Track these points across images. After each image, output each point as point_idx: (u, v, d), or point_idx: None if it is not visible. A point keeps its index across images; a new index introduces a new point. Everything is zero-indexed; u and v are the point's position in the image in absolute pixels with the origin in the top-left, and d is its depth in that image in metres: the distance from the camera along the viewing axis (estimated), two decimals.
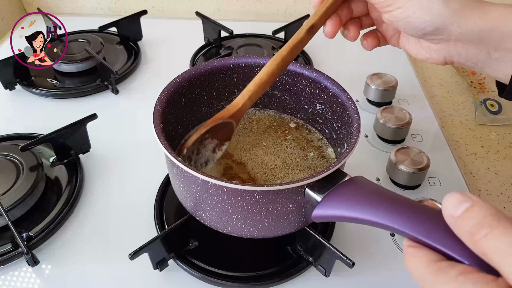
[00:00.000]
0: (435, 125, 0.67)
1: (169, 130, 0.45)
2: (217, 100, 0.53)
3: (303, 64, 0.51)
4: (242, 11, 0.97)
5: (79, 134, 0.58)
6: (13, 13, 0.96)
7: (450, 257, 0.25)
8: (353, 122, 0.43)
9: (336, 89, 0.47)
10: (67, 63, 0.74)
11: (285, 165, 0.49)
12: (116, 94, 0.72)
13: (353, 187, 0.37)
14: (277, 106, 0.55)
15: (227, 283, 0.45)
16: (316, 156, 0.50)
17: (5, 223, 0.48)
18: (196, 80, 0.49)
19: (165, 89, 0.46)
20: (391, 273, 0.47)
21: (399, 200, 0.32)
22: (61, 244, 0.50)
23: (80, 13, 0.99)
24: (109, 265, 0.48)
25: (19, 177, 0.52)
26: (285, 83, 0.52)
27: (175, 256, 0.47)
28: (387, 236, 0.51)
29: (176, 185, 0.45)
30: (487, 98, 0.72)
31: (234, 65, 0.51)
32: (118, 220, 0.52)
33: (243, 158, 0.50)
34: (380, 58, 0.84)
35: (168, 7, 0.97)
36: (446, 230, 0.25)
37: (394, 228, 0.30)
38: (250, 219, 0.41)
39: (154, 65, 0.80)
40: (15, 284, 0.46)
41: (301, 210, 0.41)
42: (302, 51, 0.83)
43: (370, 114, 0.69)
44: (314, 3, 0.44)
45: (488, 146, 0.66)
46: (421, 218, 0.29)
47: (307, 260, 0.47)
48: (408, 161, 0.54)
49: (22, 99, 0.72)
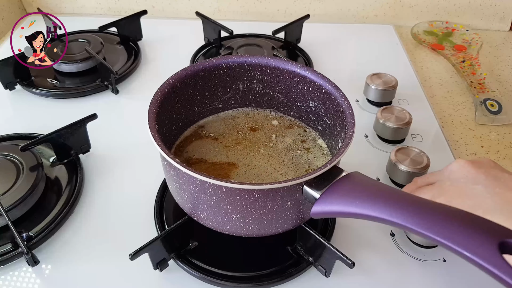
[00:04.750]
0: (435, 125, 0.67)
1: (163, 131, 0.45)
2: (210, 100, 0.54)
3: (295, 62, 0.51)
4: (242, 11, 0.97)
5: (79, 134, 0.58)
6: (13, 13, 0.96)
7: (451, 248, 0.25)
8: (347, 118, 0.44)
9: (329, 87, 0.48)
10: (67, 63, 0.74)
11: (281, 164, 0.49)
12: (116, 94, 0.72)
13: (351, 182, 0.37)
14: (270, 104, 0.56)
15: (227, 283, 0.45)
16: (312, 153, 0.50)
17: (5, 223, 0.48)
18: (189, 80, 0.50)
19: (158, 90, 0.46)
20: (391, 273, 0.47)
21: (397, 194, 0.32)
22: (61, 244, 0.50)
23: (80, 13, 0.99)
24: (109, 265, 0.48)
25: (19, 177, 0.52)
26: (277, 81, 0.53)
27: (175, 256, 0.47)
28: (387, 236, 0.51)
29: (173, 187, 0.45)
30: (487, 98, 0.72)
31: (226, 64, 0.51)
32: (118, 220, 0.52)
33: (237, 158, 0.50)
34: (380, 58, 0.84)
35: (168, 7, 0.97)
36: (446, 222, 0.25)
37: (393, 221, 0.30)
38: (248, 218, 0.41)
39: (154, 65, 0.80)
40: (15, 284, 0.46)
41: (299, 207, 0.41)
42: (301, 50, 0.83)
43: (370, 114, 0.69)
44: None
45: (488, 146, 0.66)
46: (420, 211, 0.29)
47: (307, 260, 0.47)
48: (408, 161, 0.54)
49: (22, 99, 0.72)
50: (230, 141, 0.52)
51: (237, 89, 0.54)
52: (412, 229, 0.28)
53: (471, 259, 0.26)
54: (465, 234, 0.24)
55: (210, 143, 0.52)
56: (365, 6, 0.95)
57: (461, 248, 0.25)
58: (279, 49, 0.81)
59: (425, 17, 0.95)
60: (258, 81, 0.53)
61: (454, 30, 0.92)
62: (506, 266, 0.25)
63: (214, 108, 0.55)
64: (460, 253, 0.25)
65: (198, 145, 0.51)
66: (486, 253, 0.23)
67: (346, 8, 0.95)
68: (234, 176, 0.47)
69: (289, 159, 0.50)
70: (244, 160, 0.49)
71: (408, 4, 0.94)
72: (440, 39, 0.90)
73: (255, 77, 0.53)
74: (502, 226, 0.28)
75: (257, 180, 0.47)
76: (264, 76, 0.53)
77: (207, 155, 0.50)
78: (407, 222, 0.29)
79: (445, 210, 0.30)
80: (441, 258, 0.48)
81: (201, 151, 0.50)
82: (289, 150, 0.51)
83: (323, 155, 0.50)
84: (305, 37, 0.85)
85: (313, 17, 0.85)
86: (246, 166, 0.48)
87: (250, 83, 0.54)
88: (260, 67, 0.52)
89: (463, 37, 0.90)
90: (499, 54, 0.88)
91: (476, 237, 0.26)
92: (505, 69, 0.83)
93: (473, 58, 0.83)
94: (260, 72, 0.52)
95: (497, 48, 0.90)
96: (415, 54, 0.87)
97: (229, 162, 0.49)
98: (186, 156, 0.50)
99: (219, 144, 0.52)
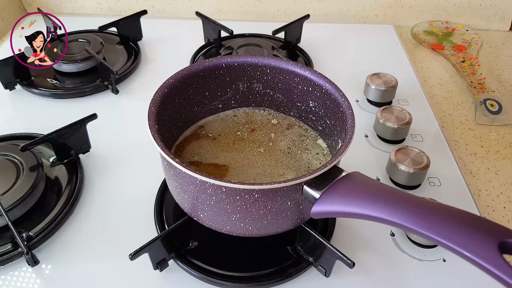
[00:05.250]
0: (435, 125, 0.67)
1: (163, 131, 0.45)
2: (210, 100, 0.54)
3: (295, 62, 0.51)
4: (242, 11, 0.97)
5: (79, 134, 0.58)
6: (13, 13, 0.96)
7: (451, 249, 0.25)
8: (347, 118, 0.44)
9: (329, 87, 0.48)
10: (67, 63, 0.74)
11: (280, 164, 0.49)
12: (116, 94, 0.72)
13: (351, 182, 0.37)
14: (270, 104, 0.56)
15: (227, 283, 0.45)
16: (312, 153, 0.50)
17: (5, 223, 0.48)
18: (189, 80, 0.50)
19: (158, 90, 0.46)
20: (391, 273, 0.47)
21: (397, 194, 0.32)
22: (61, 244, 0.50)
23: (80, 13, 0.99)
24: (109, 265, 0.48)
25: (19, 177, 0.52)
26: (277, 81, 0.53)
27: (175, 256, 0.47)
28: (387, 236, 0.51)
29: (173, 187, 0.45)
30: (487, 98, 0.72)
31: (226, 64, 0.51)
32: (118, 220, 0.52)
33: (237, 158, 0.50)
34: (380, 58, 0.84)
35: (168, 7, 0.97)
36: (446, 222, 0.25)
37: (393, 221, 0.30)
38: (248, 218, 0.41)
39: (154, 65, 0.80)
40: (15, 284, 0.46)
41: (299, 207, 0.41)
42: (301, 50, 0.83)
43: (370, 114, 0.69)
44: None
45: (488, 146, 0.66)
46: (420, 211, 0.29)
47: (307, 260, 0.47)
48: (408, 161, 0.54)
49: (22, 99, 0.72)
50: (230, 141, 0.52)
51: (237, 89, 0.54)
52: (412, 229, 0.28)
53: (471, 259, 0.26)
54: (465, 234, 0.24)
55: (210, 143, 0.52)
56: (365, 6, 0.95)
57: (461, 248, 0.25)
58: (279, 49, 0.81)
59: (425, 17, 0.96)
60: (258, 81, 0.53)
61: (454, 30, 0.92)
62: (506, 266, 0.25)
63: (214, 108, 0.55)
64: (460, 253, 0.25)
65: (198, 145, 0.51)
66: (486, 253, 0.23)
67: (346, 8, 0.95)
68: (234, 176, 0.47)
69: (289, 159, 0.50)
70: (244, 160, 0.49)
71: (408, 4, 0.94)
72: (440, 39, 0.90)
73: (255, 77, 0.53)
74: (502, 226, 0.28)
75: (257, 180, 0.47)
76: (264, 76, 0.53)
77: (207, 155, 0.50)
78: (407, 222, 0.29)
79: (445, 210, 0.30)
80: (441, 258, 0.48)
81: (201, 151, 0.50)
82: (289, 150, 0.51)
83: (323, 155, 0.50)
84: (305, 37, 0.85)
85: (313, 17, 0.85)
86: (246, 166, 0.48)
87: (250, 83, 0.54)
88: (260, 67, 0.52)
89: (463, 37, 0.90)
90: (499, 54, 0.88)
91: (476, 237, 0.26)
92: (505, 69, 0.83)
93: (473, 58, 0.83)
94: (260, 72, 0.52)
95: (497, 48, 0.90)
96: (415, 54, 0.87)
97: (229, 162, 0.49)
98: (186, 156, 0.50)
99: (219, 144, 0.52)
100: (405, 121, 0.61)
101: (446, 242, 0.26)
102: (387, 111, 0.62)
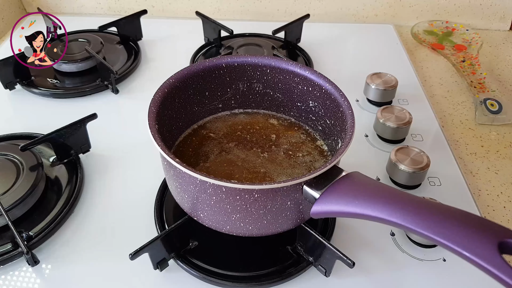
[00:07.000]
0: (435, 124, 0.67)
1: (163, 131, 0.45)
2: (210, 100, 0.54)
3: (295, 62, 0.51)
4: (242, 11, 0.97)
5: (79, 134, 0.58)
6: (13, 13, 0.96)
7: (451, 249, 0.25)
8: (347, 118, 0.44)
9: (329, 86, 0.48)
10: (67, 63, 0.74)
11: (280, 164, 0.49)
12: (116, 94, 0.72)
13: (350, 182, 0.37)
14: (270, 104, 0.56)
15: (227, 283, 0.45)
16: (311, 153, 0.50)
17: (5, 223, 0.48)
18: (189, 80, 0.50)
19: (158, 90, 0.46)
20: (391, 273, 0.47)
21: (397, 194, 0.32)
22: (61, 244, 0.50)
23: (80, 13, 0.99)
24: (109, 265, 0.48)
25: (19, 177, 0.52)
26: (277, 81, 0.53)
27: (175, 256, 0.47)
28: (387, 236, 0.51)
29: (173, 187, 0.45)
30: (487, 97, 0.72)
31: (226, 64, 0.51)
32: (118, 220, 0.52)
33: (237, 158, 0.50)
34: (380, 58, 0.84)
35: (168, 7, 0.97)
36: (446, 222, 0.25)
37: (393, 221, 0.30)
38: (248, 218, 0.41)
39: (154, 65, 0.80)
40: (15, 284, 0.46)
41: (299, 207, 0.41)
42: (301, 50, 0.83)
43: (370, 113, 0.68)
44: None
45: (488, 146, 0.66)
46: (420, 211, 0.29)
47: (307, 260, 0.47)
48: (408, 161, 0.54)
49: (22, 99, 0.72)
50: (230, 141, 0.52)
51: (237, 89, 0.54)
52: (412, 229, 0.28)
53: (471, 259, 0.26)
54: (464, 234, 0.24)
55: (210, 143, 0.52)
56: (365, 5, 0.95)
57: (460, 248, 0.25)
58: (279, 49, 0.81)
59: (425, 16, 0.95)
60: (258, 81, 0.53)
61: (454, 29, 0.92)
62: (506, 266, 0.25)
63: (214, 108, 0.55)
64: (460, 253, 0.25)
65: (198, 145, 0.51)
66: (486, 253, 0.23)
67: (346, 7, 0.95)
68: (234, 175, 0.47)
69: (289, 159, 0.50)
70: (244, 160, 0.49)
71: (408, 4, 0.94)
72: (440, 39, 0.90)
73: (255, 77, 0.53)
74: (502, 226, 0.28)
75: (257, 180, 0.47)
76: (264, 76, 0.53)
77: (207, 155, 0.50)
78: (407, 222, 0.29)
79: (445, 210, 0.30)
80: (441, 258, 0.48)
81: (201, 151, 0.50)
82: (289, 150, 0.51)
83: (323, 155, 0.50)
84: (305, 36, 0.85)
85: (313, 17, 0.85)
86: (246, 166, 0.48)
87: (250, 83, 0.54)
88: (260, 67, 0.52)
89: (463, 36, 0.90)
90: (499, 54, 0.88)
91: (475, 237, 0.26)
92: (505, 69, 0.83)
93: (473, 57, 0.83)
94: (260, 72, 0.52)
95: (497, 47, 0.90)
96: (415, 54, 0.87)
97: (229, 161, 0.49)
98: (186, 156, 0.50)
99: (219, 144, 0.52)
100: (405, 121, 0.61)
101: (446, 242, 0.26)
102: (387, 111, 0.62)
